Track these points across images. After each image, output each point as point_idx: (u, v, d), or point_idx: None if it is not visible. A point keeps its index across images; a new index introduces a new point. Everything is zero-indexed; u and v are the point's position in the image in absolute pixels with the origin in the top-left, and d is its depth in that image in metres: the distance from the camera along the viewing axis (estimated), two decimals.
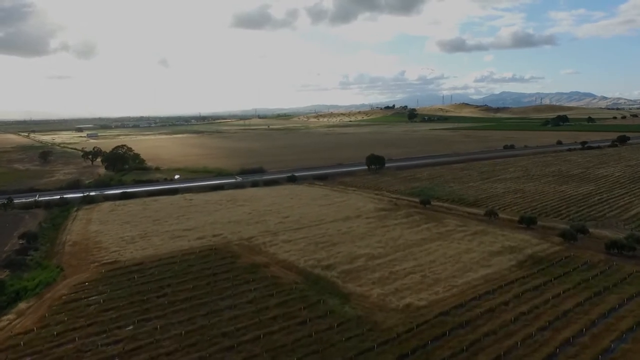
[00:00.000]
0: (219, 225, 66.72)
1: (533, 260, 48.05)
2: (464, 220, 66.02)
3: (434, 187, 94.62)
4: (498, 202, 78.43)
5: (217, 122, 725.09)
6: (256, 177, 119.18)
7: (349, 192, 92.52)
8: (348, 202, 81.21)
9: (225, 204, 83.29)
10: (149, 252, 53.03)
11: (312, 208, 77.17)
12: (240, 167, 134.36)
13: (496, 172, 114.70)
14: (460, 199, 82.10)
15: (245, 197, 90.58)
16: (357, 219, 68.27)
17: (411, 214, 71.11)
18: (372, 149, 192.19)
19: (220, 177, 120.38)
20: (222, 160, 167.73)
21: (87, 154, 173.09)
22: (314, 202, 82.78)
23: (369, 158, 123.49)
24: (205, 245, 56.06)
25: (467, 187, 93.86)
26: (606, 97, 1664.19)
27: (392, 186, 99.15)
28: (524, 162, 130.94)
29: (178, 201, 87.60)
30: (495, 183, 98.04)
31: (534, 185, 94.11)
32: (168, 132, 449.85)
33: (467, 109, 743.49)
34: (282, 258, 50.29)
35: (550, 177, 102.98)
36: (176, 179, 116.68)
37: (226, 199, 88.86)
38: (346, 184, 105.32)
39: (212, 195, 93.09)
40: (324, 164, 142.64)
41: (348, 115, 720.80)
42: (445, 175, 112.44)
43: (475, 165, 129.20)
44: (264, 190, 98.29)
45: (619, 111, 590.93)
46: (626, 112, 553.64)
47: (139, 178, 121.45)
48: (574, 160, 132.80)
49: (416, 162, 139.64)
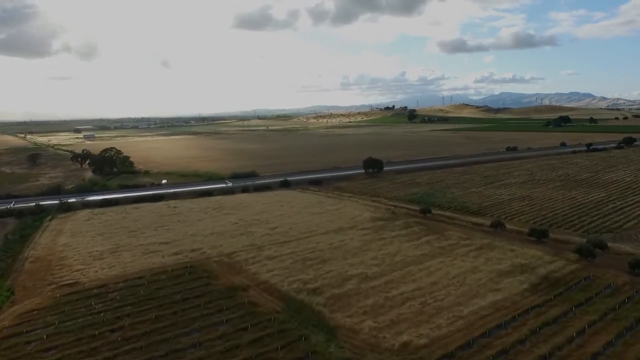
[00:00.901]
0: (199, 237, 60.94)
1: (548, 282, 42.25)
2: (468, 232, 60.23)
3: (435, 193, 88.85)
4: (504, 211, 72.63)
5: (216, 123, 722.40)
6: (248, 181, 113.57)
7: (344, 199, 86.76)
8: (342, 211, 75.43)
9: (211, 213, 77.52)
10: (115, 272, 47.25)
11: (303, 217, 71.40)
12: (232, 171, 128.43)
13: (500, 176, 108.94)
14: (463, 206, 76.32)
15: (234, 204, 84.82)
16: (351, 231, 62.50)
17: (410, 224, 65.33)
18: (370, 151, 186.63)
19: (210, 182, 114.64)
20: (215, 163, 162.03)
21: (76, 156, 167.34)
22: (305, 210, 77.02)
23: (366, 162, 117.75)
24: (181, 262, 50.30)
25: (470, 193, 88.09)
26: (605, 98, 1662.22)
27: (390, 192, 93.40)
28: (528, 166, 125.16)
29: (161, 209, 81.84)
30: (500, 189, 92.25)
31: (541, 191, 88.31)
32: (166, 133, 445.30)
33: (467, 109, 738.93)
34: (264, 279, 44.51)
35: (558, 182, 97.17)
36: (163, 183, 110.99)
37: (213, 206, 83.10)
38: (342, 189, 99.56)
39: (199, 202, 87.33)
40: (319, 167, 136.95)
41: (347, 116, 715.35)
42: (446, 179, 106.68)
43: (478, 168, 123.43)
44: (254, 197, 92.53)
45: (620, 112, 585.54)
46: (627, 112, 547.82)
47: (125, 183, 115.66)
48: (581, 163, 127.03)
49: (416, 165, 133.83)
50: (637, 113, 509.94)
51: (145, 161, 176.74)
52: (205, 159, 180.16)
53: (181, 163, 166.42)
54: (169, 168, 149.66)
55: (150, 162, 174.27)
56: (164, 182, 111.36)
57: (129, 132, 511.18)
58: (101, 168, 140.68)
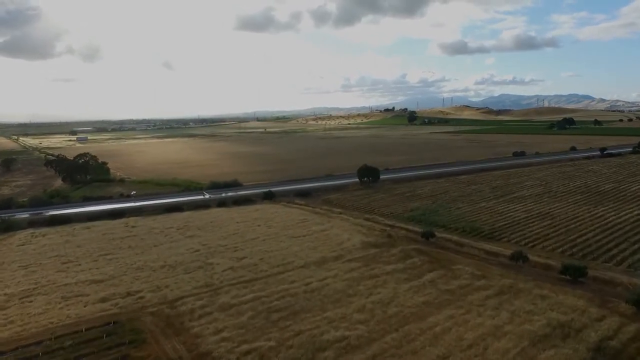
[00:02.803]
0: (145, 272, 48.61)
1: (604, 357, 29.97)
2: (481, 266, 47.95)
3: (438, 209, 76.54)
4: (522, 234, 60.33)
5: (215, 125, 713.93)
6: (229, 192, 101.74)
7: (333, 216, 74.45)
8: (329, 233, 63.12)
9: (173, 235, 65.20)
10: (6, 333, 34.92)
11: (280, 242, 59.10)
12: (215, 179, 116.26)
13: (511, 187, 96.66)
14: (473, 227, 64.00)
15: (203, 222, 72.52)
16: (336, 263, 50.21)
17: (409, 253, 53.03)
18: (367, 155, 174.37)
19: (186, 193, 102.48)
20: (199, 169, 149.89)
21: (49, 162, 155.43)
22: (285, 232, 64.71)
23: (361, 170, 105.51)
24: (104, 314, 37.98)
25: (479, 209, 75.82)
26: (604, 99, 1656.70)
27: (386, 207, 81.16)
28: (541, 174, 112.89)
29: (116, 229, 69.48)
30: (513, 203, 79.96)
31: (561, 206, 76.03)
32: (162, 135, 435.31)
33: (468, 111, 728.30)
34: (206, 348, 32.17)
35: (579, 195, 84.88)
36: (132, 195, 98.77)
37: (178, 225, 70.81)
38: (332, 203, 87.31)
39: (163, 220, 75.02)
40: (311, 174, 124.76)
41: (347, 118, 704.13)
42: (450, 191, 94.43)
43: (485, 177, 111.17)
44: (229, 213, 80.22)
45: (624, 114, 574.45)
46: (630, 114, 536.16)
47: (91, 194, 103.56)
48: (598, 171, 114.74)
49: (416, 173, 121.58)
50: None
51: (127, 167, 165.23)
52: (192, 164, 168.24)
53: (164, 169, 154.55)
54: (149, 175, 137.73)
55: (132, 168, 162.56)
56: (133, 194, 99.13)
57: (124, 134, 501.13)
58: (72, 176, 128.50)
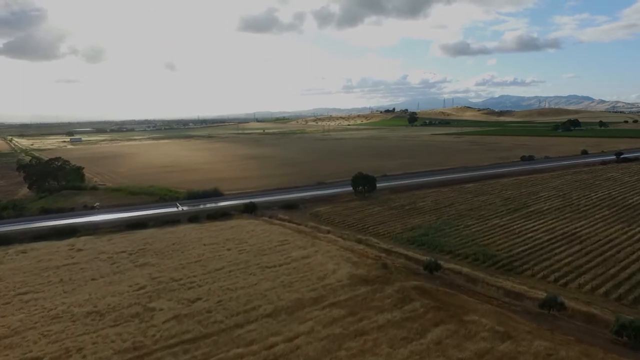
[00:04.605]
0: (60, 325, 37.16)
1: None
2: (503, 318, 36.48)
3: (443, 228, 65.03)
4: (549, 264, 48.86)
5: (213, 126, 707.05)
6: (208, 202, 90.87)
7: (319, 236, 62.98)
8: (311, 262, 51.64)
9: (122, 262, 53.76)
10: None
11: (249, 275, 47.64)
12: (198, 186, 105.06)
13: (525, 198, 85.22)
14: (486, 254, 52.51)
15: (164, 244, 61.08)
16: (315, 309, 38.79)
17: (409, 294, 41.58)
18: (365, 159, 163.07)
19: (159, 204, 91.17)
20: (183, 174, 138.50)
21: (21, 167, 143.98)
22: (258, 259, 53.26)
23: (355, 178, 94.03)
24: None
25: (492, 228, 64.35)
26: (604, 101, 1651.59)
27: (382, 223, 69.74)
28: (555, 182, 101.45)
29: (57, 253, 57.99)
30: (531, 219, 68.47)
31: (588, 224, 64.58)
32: (158, 136, 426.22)
33: (469, 112, 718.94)
34: None
35: (606, 210, 73.38)
36: (96, 207, 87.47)
37: (133, 248, 59.39)
38: (320, 217, 75.95)
39: (119, 241, 63.59)
40: (301, 182, 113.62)
41: (347, 119, 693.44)
42: (456, 202, 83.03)
43: (494, 185, 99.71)
44: (199, 230, 68.75)
45: (628, 115, 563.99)
46: (634, 115, 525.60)
47: (54, 205, 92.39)
48: (619, 179, 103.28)
49: (417, 180, 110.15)
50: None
51: (108, 171, 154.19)
52: (178, 169, 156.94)
53: (148, 174, 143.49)
54: (127, 181, 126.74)
55: (113, 172, 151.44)
56: (96, 206, 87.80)
57: (123, 135, 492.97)
58: (40, 182, 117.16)
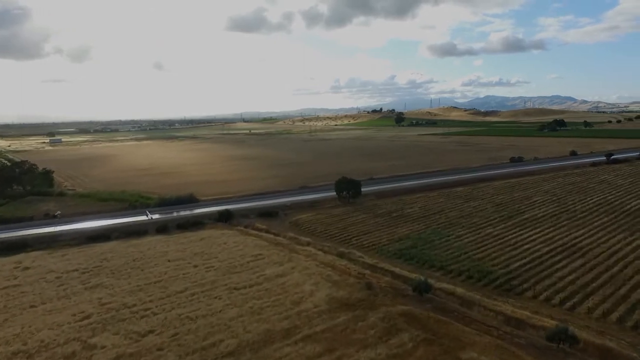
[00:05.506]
0: None
1: None
2: (505, 355, 31.14)
3: (433, 239, 59.75)
4: (551, 282, 43.82)
5: (199, 126, 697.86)
6: (181, 210, 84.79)
7: (298, 250, 57.17)
8: (286, 282, 45.80)
9: (71, 284, 47.20)
10: None
11: (214, 300, 41.62)
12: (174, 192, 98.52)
13: (517, 203, 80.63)
14: (481, 270, 47.31)
15: (124, 260, 54.63)
16: (286, 344, 32.99)
17: (396, 322, 36.06)
18: (351, 161, 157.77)
19: (128, 212, 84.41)
20: (159, 178, 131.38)
21: None
22: (227, 278, 47.25)
23: (339, 183, 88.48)
24: None
25: (485, 239, 59.31)
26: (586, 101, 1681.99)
27: (367, 233, 64.25)
28: (548, 185, 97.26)
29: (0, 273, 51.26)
30: (526, 228, 63.67)
31: (588, 233, 59.99)
32: (142, 137, 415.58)
33: (456, 112, 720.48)
34: None
35: (604, 216, 68.98)
36: (57, 216, 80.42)
37: (87, 265, 52.84)
38: (300, 227, 70.22)
39: (73, 257, 56.90)
40: (284, 186, 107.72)
41: (334, 119, 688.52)
42: (446, 208, 78.01)
43: (485, 189, 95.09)
44: (166, 244, 62.37)
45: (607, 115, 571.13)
46: (618, 115, 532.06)
47: (14, 213, 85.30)
48: (613, 182, 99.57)
49: (404, 183, 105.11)
50: (628, 116, 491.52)
51: (81, 175, 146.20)
52: (155, 172, 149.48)
53: (122, 177, 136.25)
54: (101, 185, 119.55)
55: (86, 176, 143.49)
56: (57, 214, 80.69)
57: (106, 135, 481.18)
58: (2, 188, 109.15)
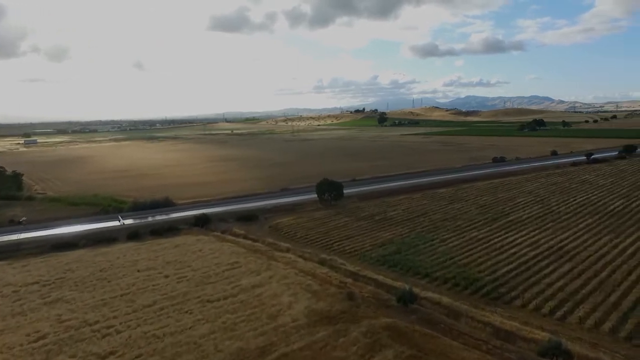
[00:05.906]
0: None
1: None
2: None
3: (417, 243, 57.68)
4: (540, 289, 42.07)
5: (181, 127, 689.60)
6: (156, 214, 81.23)
7: (277, 257, 54.39)
8: (263, 293, 42.99)
9: (30, 298, 43.48)
10: None
11: (183, 315, 38.56)
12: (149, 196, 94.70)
13: (501, 204, 79.42)
14: (467, 277, 45.32)
15: (90, 271, 50.96)
16: None
17: (380, 338, 33.66)
18: (334, 161, 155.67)
19: (100, 217, 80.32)
20: (135, 180, 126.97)
21: None
22: (200, 290, 44.17)
23: (320, 185, 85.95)
24: None
25: (471, 242, 57.51)
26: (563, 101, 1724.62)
27: (349, 238, 61.84)
28: (531, 186, 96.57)
29: None
30: (511, 231, 62.20)
31: (573, 236, 58.79)
32: (121, 138, 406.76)
33: (437, 112, 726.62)
34: None
35: (588, 217, 68.07)
36: (22, 222, 75.86)
37: (50, 277, 49.06)
38: (280, 231, 67.43)
39: (35, 267, 52.95)
40: (265, 187, 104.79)
41: (317, 119, 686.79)
42: (429, 211, 76.21)
43: (468, 191, 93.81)
44: (137, 252, 58.83)
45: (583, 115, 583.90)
46: (594, 115, 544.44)
47: None
48: (594, 182, 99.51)
49: (387, 185, 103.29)
50: (604, 116, 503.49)
51: (54, 178, 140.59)
52: (133, 173, 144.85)
53: (97, 180, 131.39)
54: (74, 188, 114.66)
55: (59, 179, 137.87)
56: (22, 221, 76.12)
57: (84, 136, 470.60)
58: None
